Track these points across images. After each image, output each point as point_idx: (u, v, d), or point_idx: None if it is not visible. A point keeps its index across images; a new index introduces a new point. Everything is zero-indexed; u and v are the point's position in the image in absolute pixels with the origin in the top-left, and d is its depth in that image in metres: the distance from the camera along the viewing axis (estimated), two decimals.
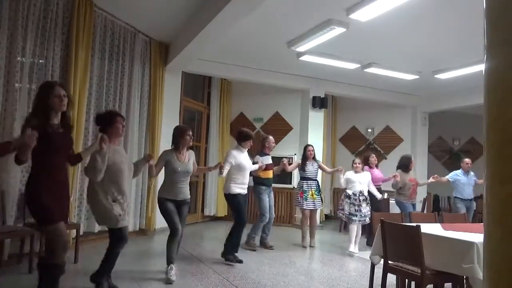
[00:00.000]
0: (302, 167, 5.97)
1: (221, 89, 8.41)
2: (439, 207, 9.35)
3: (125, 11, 5.40)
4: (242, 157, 4.89)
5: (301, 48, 6.05)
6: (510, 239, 0.94)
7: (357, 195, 5.66)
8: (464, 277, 2.97)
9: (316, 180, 5.99)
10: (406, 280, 3.47)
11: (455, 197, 6.69)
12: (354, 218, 5.61)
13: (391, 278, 3.41)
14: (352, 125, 9.74)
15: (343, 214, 5.81)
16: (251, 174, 5.28)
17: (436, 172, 6.82)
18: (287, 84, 7.96)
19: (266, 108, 8.74)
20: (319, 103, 8.01)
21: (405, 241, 3.07)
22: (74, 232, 4.49)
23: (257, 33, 5.71)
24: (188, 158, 4.11)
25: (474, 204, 6.74)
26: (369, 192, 5.87)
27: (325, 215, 8.96)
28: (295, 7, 4.80)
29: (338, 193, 9.15)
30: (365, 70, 7.03)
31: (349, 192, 5.73)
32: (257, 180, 5.62)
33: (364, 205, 5.64)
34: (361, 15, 4.69)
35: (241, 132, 5.08)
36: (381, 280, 3.29)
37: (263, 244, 5.67)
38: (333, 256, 5.40)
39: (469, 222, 5.01)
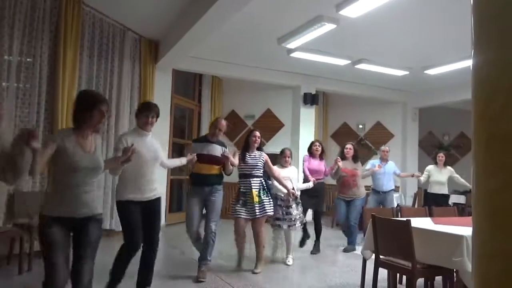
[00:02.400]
0: (242, 157, 4.30)
1: (212, 87, 8.38)
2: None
3: (113, 8, 5.34)
4: (140, 144, 3.06)
5: (291, 45, 6.05)
6: (498, 232, 0.95)
7: (285, 195, 4.52)
8: (454, 270, 3.00)
9: (261, 177, 4.32)
10: (398, 274, 3.51)
11: (371, 188, 6.09)
12: (280, 223, 4.54)
13: (383, 273, 3.44)
14: (343, 121, 9.78)
15: (269, 219, 4.49)
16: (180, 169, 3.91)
17: (426, 166, 6.81)
18: (278, 81, 7.96)
19: (257, 105, 8.74)
20: (310, 99, 8.03)
21: (396, 236, 3.10)
22: None
23: (248, 30, 5.69)
24: (95, 146, 2.43)
25: (393, 197, 6.05)
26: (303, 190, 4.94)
27: None
28: (285, 3, 4.79)
29: (330, 190, 9.18)
30: (356, 66, 7.06)
31: (277, 192, 4.55)
32: (190, 177, 4.14)
33: (294, 205, 4.55)
34: (351, 11, 4.70)
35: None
36: (372, 275, 3.32)
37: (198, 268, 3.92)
38: (325, 252, 5.42)
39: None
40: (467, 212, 7.26)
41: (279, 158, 4.85)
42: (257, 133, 4.42)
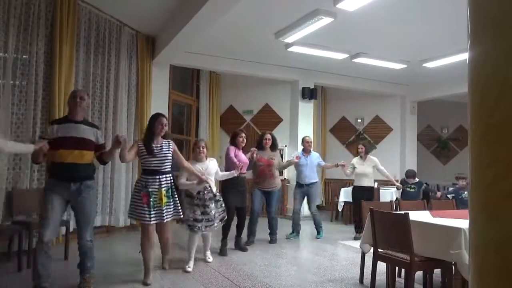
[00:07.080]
0: (147, 149, 3.52)
1: (210, 82, 8.36)
2: (429, 195, 9.44)
3: (109, 4, 5.31)
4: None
5: (289, 39, 6.03)
6: (494, 223, 0.95)
7: (201, 192, 3.99)
8: (453, 263, 3.01)
9: (170, 172, 3.67)
10: (396, 267, 3.52)
11: (296, 181, 5.87)
12: (198, 224, 3.95)
13: (381, 266, 3.45)
14: (342, 115, 9.77)
15: (185, 221, 4.04)
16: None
17: (425, 160, 6.82)
18: (276, 75, 7.94)
19: (255, 100, 8.73)
20: (308, 94, 8.01)
21: (394, 229, 3.10)
22: (63, 229, 4.45)
23: (245, 24, 5.67)
24: None
25: (317, 190, 5.94)
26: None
27: (317, 206, 8.99)
28: None
29: (329, 184, 9.20)
30: (354, 60, 7.05)
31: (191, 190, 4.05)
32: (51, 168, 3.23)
33: (212, 205, 4.01)
34: (349, 4, 4.68)
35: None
36: (371, 268, 3.33)
37: None
38: (325, 246, 5.44)
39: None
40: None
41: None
42: (164, 120, 3.67)
